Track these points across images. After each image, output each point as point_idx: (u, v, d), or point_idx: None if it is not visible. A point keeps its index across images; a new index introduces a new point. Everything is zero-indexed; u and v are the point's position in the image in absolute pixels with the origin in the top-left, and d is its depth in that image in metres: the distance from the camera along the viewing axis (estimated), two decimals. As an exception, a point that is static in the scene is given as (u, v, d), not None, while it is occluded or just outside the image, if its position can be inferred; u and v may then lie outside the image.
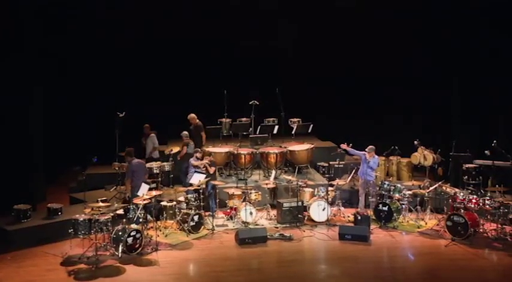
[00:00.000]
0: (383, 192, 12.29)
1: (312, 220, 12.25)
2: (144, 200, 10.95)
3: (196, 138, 13.69)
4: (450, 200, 11.75)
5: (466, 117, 14.72)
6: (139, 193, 11.43)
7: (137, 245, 10.52)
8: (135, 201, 11.10)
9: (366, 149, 12.45)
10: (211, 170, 12.61)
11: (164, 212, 11.65)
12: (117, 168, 13.15)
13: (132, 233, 10.45)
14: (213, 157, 13.04)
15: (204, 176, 12.34)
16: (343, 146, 12.53)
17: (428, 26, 15.11)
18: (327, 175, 13.78)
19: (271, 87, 14.61)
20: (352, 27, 15.85)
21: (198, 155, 12.53)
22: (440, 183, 12.33)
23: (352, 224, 11.95)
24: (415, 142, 13.37)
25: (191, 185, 12.15)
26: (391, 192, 12.21)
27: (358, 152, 12.53)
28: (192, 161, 12.56)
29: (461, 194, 11.52)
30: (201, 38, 16.04)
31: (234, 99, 14.49)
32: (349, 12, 15.62)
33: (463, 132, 14.40)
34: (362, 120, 15.97)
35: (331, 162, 14.01)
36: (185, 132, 13.73)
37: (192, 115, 13.78)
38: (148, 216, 10.96)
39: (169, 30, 15.69)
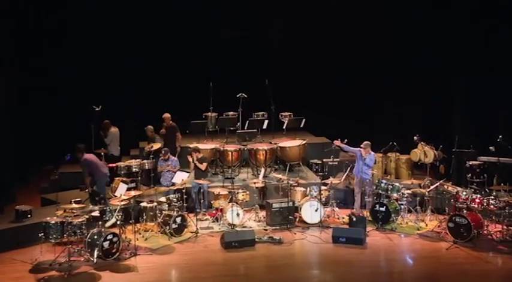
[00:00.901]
0: (380, 192, 12.31)
1: (304, 222, 12.27)
2: (121, 201, 10.97)
3: (170, 138, 13.73)
4: (452, 200, 11.81)
5: (470, 111, 14.84)
6: (117, 193, 11.43)
7: (114, 250, 10.47)
8: (113, 202, 11.04)
9: (362, 145, 12.44)
10: (202, 166, 12.57)
11: (144, 214, 11.58)
12: None
13: (109, 237, 10.40)
14: (201, 153, 12.99)
15: (187, 174, 12.36)
16: (337, 142, 12.53)
17: (428, 15, 15.38)
18: (321, 173, 13.79)
19: (260, 78, 14.62)
20: (349, 16, 16.10)
21: (164, 156, 12.50)
22: (441, 181, 12.37)
23: (346, 226, 11.94)
24: (415, 137, 13.38)
25: (174, 184, 12.21)
26: (389, 192, 12.23)
27: (353, 148, 12.53)
28: (158, 167, 12.69)
29: (464, 193, 11.57)
30: (185, 27, 16.17)
31: (221, 91, 14.53)
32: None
33: (466, 126, 14.54)
34: (358, 114, 16.12)
35: (324, 160, 14.06)
36: (150, 127, 13.76)
37: (167, 115, 13.82)
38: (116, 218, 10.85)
39: (153, 18, 15.85)
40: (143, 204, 11.75)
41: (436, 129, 14.83)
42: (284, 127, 14.97)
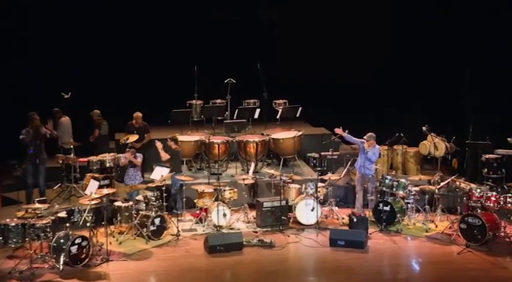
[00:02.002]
0: (384, 189, 12.26)
1: (299, 223, 12.25)
2: (92, 200, 10.84)
3: (140, 139, 13.58)
4: (465, 198, 11.79)
5: (486, 98, 14.76)
6: (87, 191, 11.25)
7: (83, 255, 10.35)
8: (82, 201, 10.95)
9: (365, 137, 12.35)
10: (164, 155, 12.42)
11: (118, 214, 11.53)
12: (61, 162, 13.06)
13: (77, 241, 10.27)
14: (177, 145, 12.83)
15: (168, 170, 12.23)
16: (338, 130, 12.46)
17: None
18: (319, 168, 13.73)
19: (251, 62, 14.59)
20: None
21: (129, 155, 12.46)
22: (453, 177, 12.31)
23: (346, 227, 11.92)
24: (424, 128, 13.29)
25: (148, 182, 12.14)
26: (394, 189, 12.18)
27: (355, 139, 12.47)
28: (123, 159, 12.67)
29: (478, 190, 11.51)
30: (168, 7, 16.09)
31: (207, 77, 14.49)
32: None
33: (482, 115, 14.42)
34: (362, 102, 16.10)
35: (322, 153, 14.04)
36: (96, 111, 13.72)
37: (139, 114, 13.78)
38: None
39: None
40: (117, 203, 11.66)
41: (448, 119, 14.84)
42: (278, 117, 14.91)
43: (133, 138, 13.28)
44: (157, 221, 11.52)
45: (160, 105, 14.82)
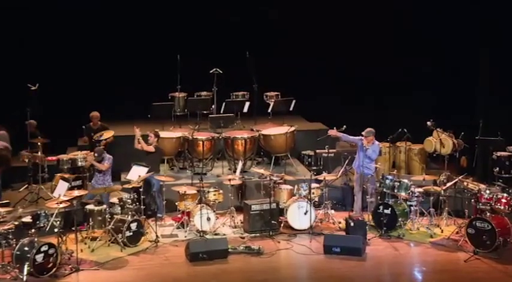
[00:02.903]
0: (385, 190, 12.18)
1: (290, 227, 12.22)
2: (60, 202, 10.73)
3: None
4: (473, 200, 11.70)
5: (497, 89, 14.69)
6: (55, 193, 11.23)
7: (50, 265, 10.22)
8: (49, 204, 10.87)
9: (363, 133, 12.29)
10: (138, 145, 12.41)
11: (91, 219, 11.45)
12: (27, 160, 12.97)
13: (43, 248, 10.14)
14: (160, 141, 12.71)
15: (146, 169, 12.14)
16: (332, 131, 12.46)
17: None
18: (314, 167, 13.72)
19: (240, 51, 14.53)
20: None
21: (90, 157, 12.44)
22: (461, 177, 12.23)
23: (343, 233, 11.86)
24: (428, 123, 13.22)
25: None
26: (396, 190, 12.11)
27: (352, 137, 12.45)
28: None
29: (488, 191, 11.43)
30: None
31: (191, 66, 14.48)
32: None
33: (493, 108, 14.45)
34: (362, 94, 16.12)
35: (318, 151, 13.98)
36: (32, 121, 13.34)
37: (96, 113, 13.81)
38: None
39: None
40: (89, 207, 11.58)
41: (455, 112, 14.81)
42: (269, 110, 14.92)
43: (108, 134, 13.21)
44: (133, 226, 11.42)
45: (139, 98, 14.81)
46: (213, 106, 14.64)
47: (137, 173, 12.00)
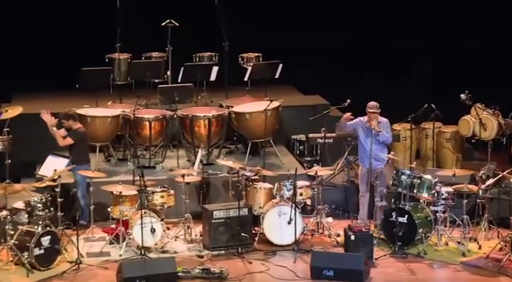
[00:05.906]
0: (400, 190, 12.13)
1: (268, 242, 12.27)
2: None
3: None
4: None
5: None
6: None
7: None
8: None
9: (368, 109, 12.35)
10: (60, 135, 12.52)
11: None
12: None
13: None
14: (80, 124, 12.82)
15: (66, 161, 12.40)
16: (347, 115, 12.51)
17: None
18: (308, 158, 14.08)
19: None
20: None
21: None
22: (508, 171, 12.06)
23: (341, 249, 11.84)
24: (463, 96, 13.16)
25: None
26: (415, 190, 12.08)
27: (355, 120, 12.60)
28: None
29: None
30: None
31: (135, 18, 14.99)
32: None
33: None
34: (372, 58, 16.50)
35: (311, 135, 13.99)
36: None
37: None
38: None
39: None
40: None
41: (500, 82, 15.23)
42: (247, 78, 15.00)
43: (15, 111, 13.14)
44: (45, 240, 11.28)
45: (66, 62, 14.99)
46: (168, 72, 14.76)
47: (53, 166, 12.13)
